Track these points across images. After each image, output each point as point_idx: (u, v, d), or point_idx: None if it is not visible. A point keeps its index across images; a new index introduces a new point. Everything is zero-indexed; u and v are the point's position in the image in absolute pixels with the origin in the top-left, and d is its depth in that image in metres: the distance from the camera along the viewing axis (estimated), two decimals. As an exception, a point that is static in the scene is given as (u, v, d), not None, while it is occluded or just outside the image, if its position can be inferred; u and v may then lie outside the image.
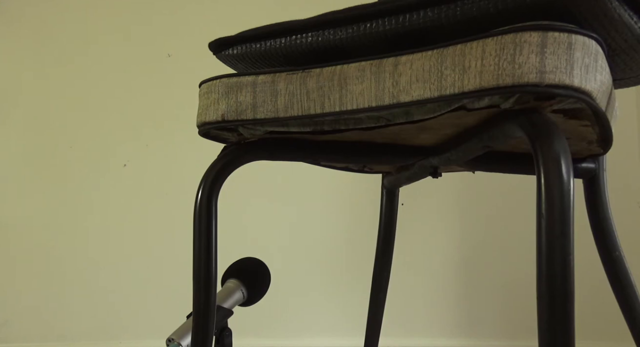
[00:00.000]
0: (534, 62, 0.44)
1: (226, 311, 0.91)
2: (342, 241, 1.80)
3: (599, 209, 0.71)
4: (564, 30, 0.45)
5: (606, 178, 0.71)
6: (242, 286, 0.98)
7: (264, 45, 0.61)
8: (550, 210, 0.43)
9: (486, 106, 0.50)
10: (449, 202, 1.95)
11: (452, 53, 0.48)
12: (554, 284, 0.43)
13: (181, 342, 0.83)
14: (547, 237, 0.43)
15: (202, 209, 0.63)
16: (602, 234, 0.71)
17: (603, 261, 0.72)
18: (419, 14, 0.52)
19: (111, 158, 2.00)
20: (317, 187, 1.78)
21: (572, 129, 0.57)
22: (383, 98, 0.52)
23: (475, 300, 1.93)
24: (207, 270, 0.63)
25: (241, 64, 0.65)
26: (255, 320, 1.64)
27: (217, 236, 0.64)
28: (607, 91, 0.51)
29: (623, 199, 1.68)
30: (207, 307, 0.65)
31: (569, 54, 0.45)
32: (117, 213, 1.82)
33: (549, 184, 0.44)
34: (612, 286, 0.72)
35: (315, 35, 0.58)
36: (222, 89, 0.61)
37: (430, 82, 0.49)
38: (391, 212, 0.93)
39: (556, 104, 0.49)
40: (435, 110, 0.52)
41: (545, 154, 0.44)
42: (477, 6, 0.49)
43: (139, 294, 1.97)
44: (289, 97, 0.57)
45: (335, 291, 1.78)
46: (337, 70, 0.55)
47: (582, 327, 0.57)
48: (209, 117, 0.61)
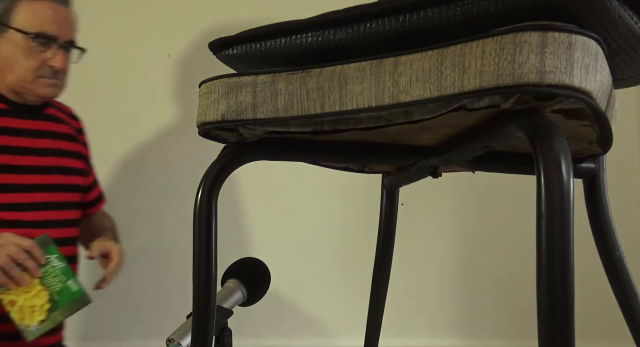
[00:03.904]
0: (534, 62, 0.44)
1: (226, 311, 0.91)
2: (342, 241, 1.80)
3: (599, 209, 0.71)
4: (564, 30, 0.45)
5: (606, 178, 0.71)
6: (242, 286, 0.98)
7: (264, 45, 0.61)
8: (550, 210, 0.43)
9: (486, 106, 0.50)
10: (449, 202, 1.95)
11: (452, 53, 0.48)
12: (554, 284, 0.43)
13: (181, 342, 0.83)
14: (547, 237, 0.43)
15: (202, 209, 0.63)
16: (602, 234, 0.71)
17: (603, 261, 0.72)
18: (419, 14, 0.52)
19: (111, 158, 2.00)
20: (317, 187, 1.78)
21: (572, 129, 0.57)
22: (383, 98, 0.52)
23: (475, 300, 1.92)
24: (207, 270, 0.63)
25: (241, 64, 0.65)
26: (255, 320, 1.63)
27: (217, 236, 0.64)
28: (607, 91, 0.51)
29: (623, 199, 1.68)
30: (207, 307, 0.65)
31: (569, 54, 0.45)
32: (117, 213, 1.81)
33: (549, 184, 0.44)
34: (612, 286, 0.72)
35: (315, 35, 0.58)
36: (222, 89, 0.61)
37: (430, 82, 0.49)
38: (391, 212, 0.93)
39: (556, 104, 0.49)
40: (435, 110, 0.52)
41: (545, 154, 0.45)
42: (477, 6, 0.49)
43: (139, 294, 1.97)
44: (289, 97, 0.57)
45: (335, 291, 1.78)
46: (337, 70, 0.55)
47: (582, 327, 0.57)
48: (209, 117, 0.61)
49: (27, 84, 1.36)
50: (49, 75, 1.36)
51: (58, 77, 1.37)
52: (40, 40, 1.33)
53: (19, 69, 1.35)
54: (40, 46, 1.34)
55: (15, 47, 1.34)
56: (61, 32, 1.36)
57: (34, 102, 1.40)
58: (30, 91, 1.37)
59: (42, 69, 1.35)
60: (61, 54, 1.36)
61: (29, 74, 1.34)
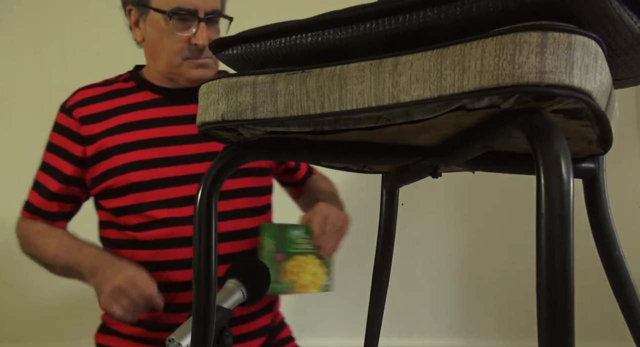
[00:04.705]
0: (533, 62, 0.44)
1: (226, 311, 0.91)
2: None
3: (599, 209, 0.71)
4: (564, 30, 0.45)
5: (606, 178, 0.71)
6: (242, 286, 0.98)
7: (264, 45, 0.61)
8: (550, 210, 0.43)
9: (486, 106, 0.50)
10: (449, 202, 1.95)
11: (452, 53, 0.48)
12: (554, 284, 0.43)
13: (181, 342, 0.84)
14: (547, 237, 0.43)
15: (202, 209, 0.63)
16: (602, 234, 0.71)
17: (603, 261, 0.72)
18: (419, 14, 0.52)
19: (111, 158, 1.99)
20: (317, 187, 1.77)
21: (572, 129, 0.57)
22: (383, 98, 0.52)
23: (475, 300, 1.93)
24: (207, 270, 0.63)
25: (241, 64, 0.65)
26: (255, 320, 1.63)
27: (217, 236, 0.64)
28: (607, 91, 0.51)
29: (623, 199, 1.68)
30: (207, 307, 0.65)
31: (568, 54, 0.45)
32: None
33: (549, 184, 0.44)
34: (612, 286, 0.72)
35: (315, 35, 0.58)
36: (222, 89, 0.61)
37: (430, 82, 0.49)
38: (391, 212, 0.93)
39: (556, 104, 0.49)
40: (435, 110, 0.52)
41: (545, 154, 0.45)
42: (477, 6, 0.49)
43: (139, 294, 1.97)
44: (289, 97, 0.57)
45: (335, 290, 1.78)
46: (337, 70, 0.55)
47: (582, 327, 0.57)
48: (209, 117, 0.61)
49: (175, 68, 1.25)
50: (195, 55, 1.23)
51: (204, 55, 1.23)
52: (178, 16, 1.20)
53: (166, 53, 1.24)
54: (180, 23, 1.21)
55: (158, 29, 1.23)
56: (200, 3, 1.21)
57: (189, 86, 1.27)
58: (180, 75, 1.26)
59: (187, 49, 1.23)
60: (203, 29, 1.21)
61: (176, 57, 1.23)
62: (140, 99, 1.30)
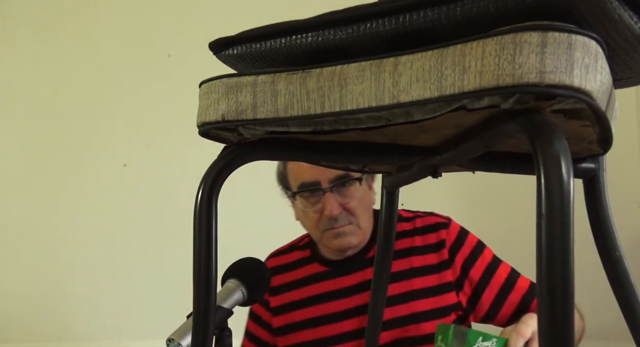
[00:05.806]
0: (534, 62, 0.44)
1: (226, 311, 0.91)
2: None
3: (599, 209, 0.71)
4: (564, 30, 0.45)
5: (606, 178, 0.71)
6: (242, 286, 0.98)
7: (264, 45, 0.61)
8: (550, 210, 0.43)
9: (486, 106, 0.50)
10: (449, 202, 1.95)
11: (452, 53, 0.48)
12: (554, 284, 0.43)
13: (181, 342, 0.83)
14: (547, 237, 0.43)
15: (202, 209, 0.63)
16: (602, 234, 0.71)
17: (603, 261, 0.72)
18: (419, 14, 0.52)
19: (111, 158, 2.00)
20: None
21: (572, 129, 0.57)
22: (383, 98, 0.52)
23: (475, 300, 1.92)
24: (207, 270, 0.63)
25: (241, 64, 0.65)
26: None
27: (217, 236, 0.64)
28: (607, 91, 0.51)
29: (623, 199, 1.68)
30: (207, 307, 0.65)
31: (569, 54, 0.45)
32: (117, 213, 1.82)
33: (549, 184, 0.44)
34: (612, 286, 0.72)
35: (315, 36, 0.58)
36: (222, 89, 0.61)
37: (430, 82, 0.49)
38: (391, 212, 0.93)
39: (556, 104, 0.49)
40: (435, 110, 0.52)
41: (545, 154, 0.45)
42: (477, 6, 0.49)
43: (139, 294, 1.97)
44: (289, 97, 0.57)
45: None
46: (337, 70, 0.55)
47: (582, 327, 0.57)
48: (209, 117, 0.61)
49: (320, 240, 1.30)
50: (330, 226, 1.26)
51: (340, 223, 1.25)
52: (304, 193, 1.26)
53: (309, 229, 1.31)
54: (308, 199, 1.27)
55: (297, 207, 1.32)
56: (321, 174, 1.23)
57: (341, 256, 1.31)
58: (326, 247, 1.31)
59: (322, 221, 1.26)
60: (330, 199, 1.24)
61: (316, 231, 1.29)
62: (309, 272, 1.35)
